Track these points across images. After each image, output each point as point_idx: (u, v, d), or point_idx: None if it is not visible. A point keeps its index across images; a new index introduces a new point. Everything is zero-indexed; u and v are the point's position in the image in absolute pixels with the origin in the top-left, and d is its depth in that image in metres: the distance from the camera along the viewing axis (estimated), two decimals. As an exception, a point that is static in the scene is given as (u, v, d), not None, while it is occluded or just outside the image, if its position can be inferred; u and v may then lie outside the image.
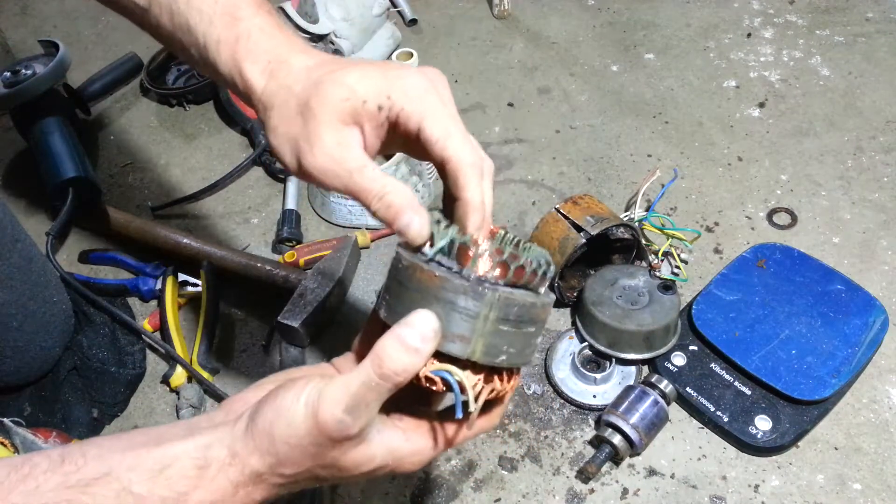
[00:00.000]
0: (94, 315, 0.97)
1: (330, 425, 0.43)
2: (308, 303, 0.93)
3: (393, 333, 0.44)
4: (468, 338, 0.44)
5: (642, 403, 0.80)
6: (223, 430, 0.46)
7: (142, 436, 0.47)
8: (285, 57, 0.50)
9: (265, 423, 0.45)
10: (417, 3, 1.47)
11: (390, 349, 0.43)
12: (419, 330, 0.44)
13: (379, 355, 0.43)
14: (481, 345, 0.45)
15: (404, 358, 0.43)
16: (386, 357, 0.43)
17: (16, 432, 0.73)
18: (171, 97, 1.32)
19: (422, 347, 0.43)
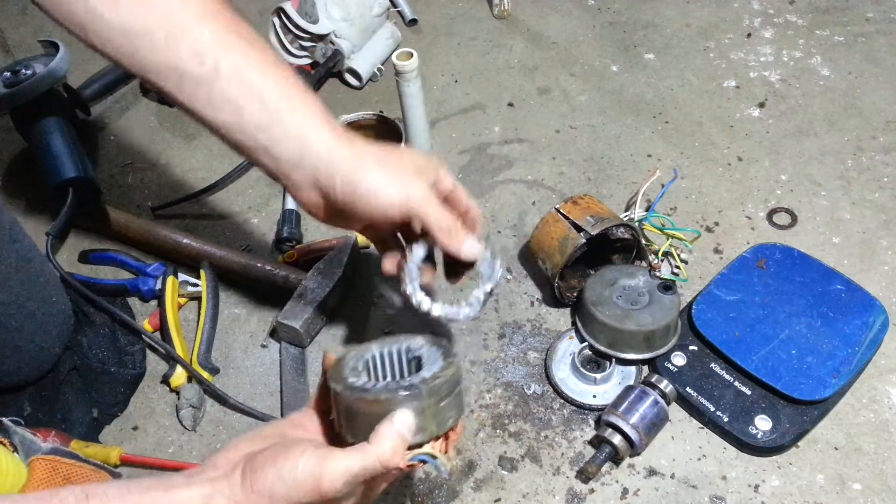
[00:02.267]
0: (94, 315, 0.97)
1: (330, 493, 0.52)
2: (308, 303, 0.93)
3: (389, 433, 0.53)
4: (423, 426, 0.55)
5: (642, 403, 0.80)
6: (221, 483, 0.53)
7: (151, 481, 0.53)
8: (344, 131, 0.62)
9: (266, 482, 0.52)
10: (417, 3, 1.47)
11: (388, 445, 0.53)
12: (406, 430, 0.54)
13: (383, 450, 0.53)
14: (434, 423, 0.56)
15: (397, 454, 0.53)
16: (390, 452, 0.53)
17: (14, 431, 0.73)
18: (171, 97, 1.32)
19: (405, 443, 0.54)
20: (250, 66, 0.57)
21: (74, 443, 0.81)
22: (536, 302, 0.98)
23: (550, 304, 0.98)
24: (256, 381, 0.94)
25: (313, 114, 0.59)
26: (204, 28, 0.56)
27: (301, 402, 0.89)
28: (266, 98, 0.57)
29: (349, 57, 1.29)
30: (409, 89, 0.98)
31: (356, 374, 0.58)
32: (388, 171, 0.60)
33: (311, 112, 0.59)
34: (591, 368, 0.88)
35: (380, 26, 1.33)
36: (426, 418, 0.55)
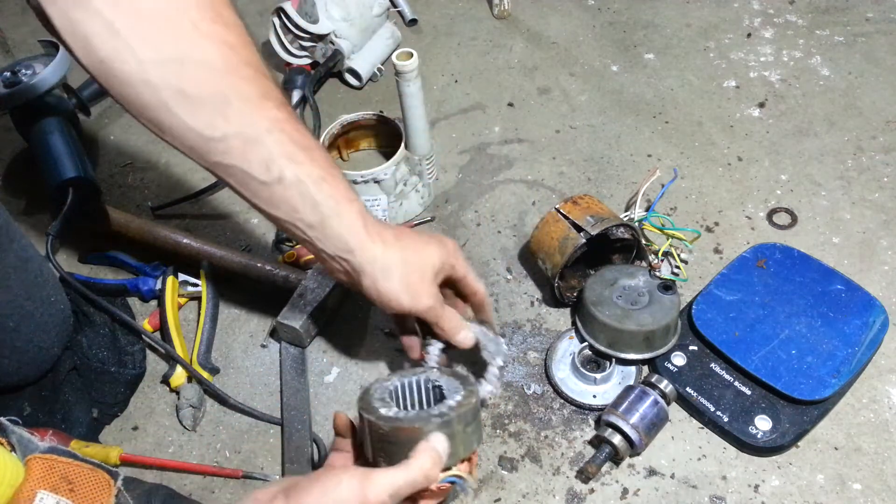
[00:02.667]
0: (94, 315, 0.97)
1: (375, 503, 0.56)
2: (308, 303, 0.93)
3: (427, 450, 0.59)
4: (453, 450, 0.60)
5: (642, 403, 0.80)
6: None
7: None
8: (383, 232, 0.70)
9: (314, 498, 0.56)
10: (417, 3, 1.47)
11: (427, 460, 0.58)
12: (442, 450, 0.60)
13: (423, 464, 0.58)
14: (462, 447, 0.61)
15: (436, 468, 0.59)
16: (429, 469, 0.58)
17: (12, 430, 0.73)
18: (171, 97, 1.32)
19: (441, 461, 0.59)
20: (309, 178, 0.65)
21: (74, 443, 0.81)
22: (536, 302, 0.98)
23: (550, 304, 0.98)
24: (256, 381, 0.94)
25: (353, 220, 0.68)
26: (274, 140, 0.63)
27: (301, 402, 0.89)
28: (318, 204, 0.66)
29: (349, 57, 1.29)
30: (409, 89, 0.98)
31: (386, 405, 0.63)
32: (406, 279, 0.71)
33: (352, 218, 0.68)
34: (591, 368, 0.88)
35: (380, 26, 1.33)
36: (456, 443, 0.61)
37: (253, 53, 0.63)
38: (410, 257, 0.71)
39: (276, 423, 0.89)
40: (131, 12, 0.58)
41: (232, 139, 0.62)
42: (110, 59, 0.59)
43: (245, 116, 0.62)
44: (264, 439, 0.88)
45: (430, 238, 0.74)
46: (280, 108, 0.64)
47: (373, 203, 1.05)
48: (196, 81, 0.60)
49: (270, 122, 0.63)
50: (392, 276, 0.70)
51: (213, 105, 0.61)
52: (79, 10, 0.58)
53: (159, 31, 0.59)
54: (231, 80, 0.61)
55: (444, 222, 1.09)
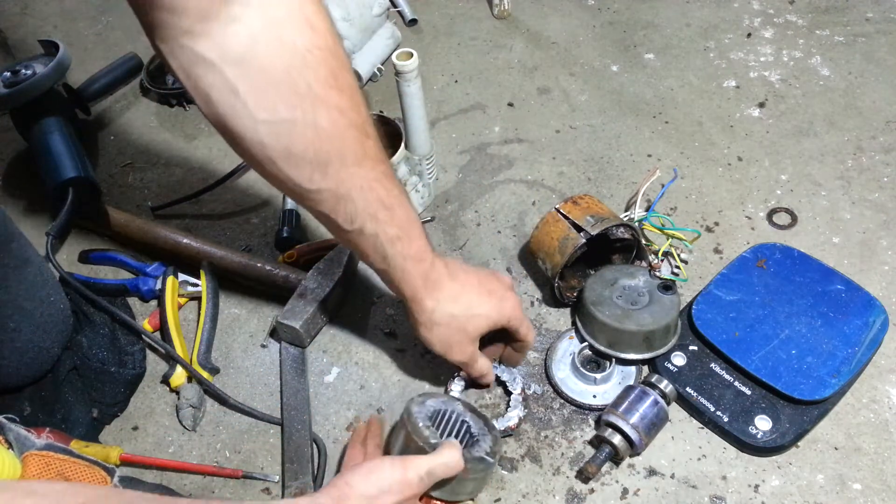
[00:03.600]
0: (94, 315, 0.97)
1: (414, 479, 0.66)
2: (308, 303, 0.93)
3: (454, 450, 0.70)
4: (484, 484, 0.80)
5: (642, 403, 0.80)
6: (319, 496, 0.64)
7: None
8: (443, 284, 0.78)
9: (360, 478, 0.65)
10: (417, 3, 1.47)
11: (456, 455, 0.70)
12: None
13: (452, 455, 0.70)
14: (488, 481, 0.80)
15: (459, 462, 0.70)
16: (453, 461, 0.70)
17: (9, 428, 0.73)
18: (171, 97, 1.32)
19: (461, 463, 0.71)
20: (384, 236, 0.72)
21: (74, 443, 0.81)
22: (536, 302, 0.98)
23: (550, 304, 0.98)
24: (256, 381, 0.94)
25: (414, 278, 0.76)
26: (362, 198, 0.69)
27: (301, 402, 0.89)
28: (387, 258, 0.74)
29: (349, 57, 1.28)
30: (409, 89, 0.98)
31: (431, 432, 0.72)
32: (445, 337, 0.80)
33: (414, 276, 0.75)
34: (591, 368, 0.88)
35: (380, 26, 1.33)
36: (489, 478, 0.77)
37: (360, 115, 0.67)
38: (457, 318, 0.78)
39: (276, 423, 0.89)
40: (250, 74, 0.61)
41: (325, 193, 0.68)
42: (227, 115, 0.63)
43: (340, 176, 0.67)
44: (264, 439, 0.88)
45: (490, 298, 0.80)
46: (375, 167, 0.69)
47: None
48: (303, 142, 0.64)
49: (363, 181, 0.69)
50: (433, 331, 0.79)
51: (315, 164, 0.66)
52: (200, 68, 0.60)
53: (276, 93, 0.62)
54: (335, 143, 0.66)
55: (444, 222, 1.09)
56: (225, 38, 0.59)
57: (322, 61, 0.63)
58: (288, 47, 0.61)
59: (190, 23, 0.58)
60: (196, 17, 0.58)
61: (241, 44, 0.59)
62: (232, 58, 0.60)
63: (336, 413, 0.89)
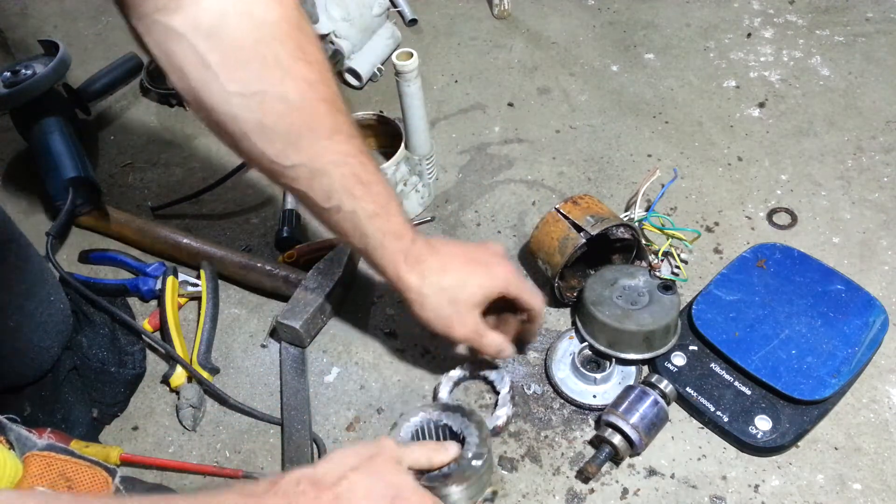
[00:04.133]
0: (94, 315, 0.97)
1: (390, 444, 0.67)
2: (308, 303, 0.93)
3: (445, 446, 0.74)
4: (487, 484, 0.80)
5: (642, 403, 0.80)
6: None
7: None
8: (426, 260, 0.76)
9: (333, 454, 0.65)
10: (417, 3, 1.47)
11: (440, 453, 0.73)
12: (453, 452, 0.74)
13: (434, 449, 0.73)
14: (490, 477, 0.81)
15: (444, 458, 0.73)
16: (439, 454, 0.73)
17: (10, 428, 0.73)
18: (171, 97, 1.32)
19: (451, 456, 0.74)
20: (363, 212, 0.72)
21: (74, 443, 0.81)
22: (536, 302, 0.98)
23: (550, 304, 0.98)
24: (256, 381, 0.94)
25: (394, 254, 0.75)
26: (338, 173, 0.69)
27: (301, 402, 0.89)
28: (366, 236, 0.74)
29: (349, 57, 1.28)
30: (409, 89, 0.98)
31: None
32: (438, 311, 0.77)
33: (394, 252, 0.75)
34: (591, 368, 0.88)
35: (380, 26, 1.33)
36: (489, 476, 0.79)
37: (329, 89, 0.68)
38: (447, 290, 0.77)
39: (276, 423, 0.88)
40: (221, 46, 0.63)
41: (300, 168, 0.68)
42: (199, 89, 0.64)
43: (314, 149, 0.68)
44: (264, 439, 0.88)
45: (478, 267, 0.78)
46: (349, 141, 0.69)
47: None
48: (273, 114, 0.65)
49: (337, 156, 0.69)
50: (426, 307, 0.77)
51: (287, 137, 0.67)
52: (173, 42, 0.62)
53: (245, 65, 0.63)
54: (305, 115, 0.66)
55: (444, 222, 1.09)
56: (196, 12, 0.61)
57: (289, 34, 0.64)
58: (257, 21, 0.63)
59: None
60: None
61: (211, 17, 0.61)
62: (203, 31, 0.62)
63: (336, 413, 0.89)
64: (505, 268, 0.80)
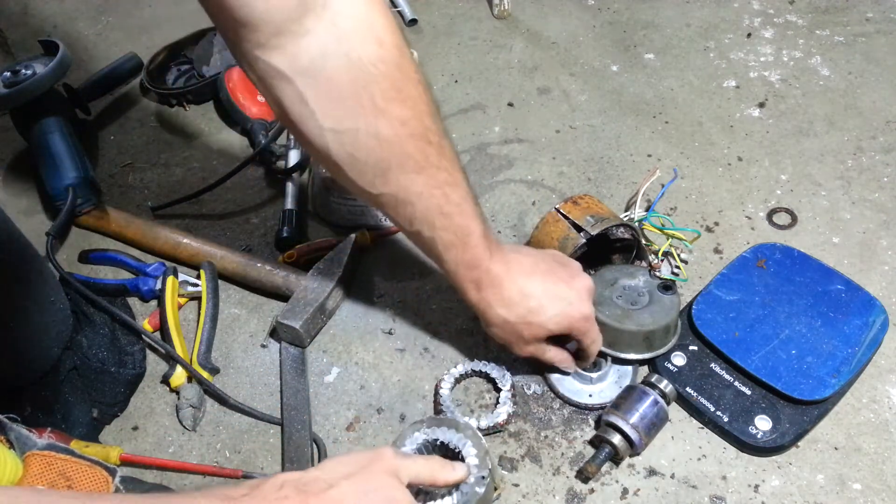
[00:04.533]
0: (94, 315, 0.97)
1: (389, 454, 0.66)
2: (308, 303, 0.93)
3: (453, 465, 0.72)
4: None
5: (642, 403, 0.80)
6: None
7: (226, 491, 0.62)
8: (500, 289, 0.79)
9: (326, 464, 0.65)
10: (417, 3, 1.47)
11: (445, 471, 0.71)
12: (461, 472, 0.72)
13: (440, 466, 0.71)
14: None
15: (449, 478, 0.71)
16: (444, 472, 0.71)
17: (11, 428, 0.73)
18: (171, 97, 1.32)
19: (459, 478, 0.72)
20: (440, 241, 0.76)
21: (74, 443, 0.81)
22: (536, 302, 0.98)
23: (550, 304, 0.97)
24: (256, 381, 0.94)
25: (466, 282, 0.79)
26: (420, 203, 0.73)
27: (301, 402, 0.89)
28: (442, 261, 0.78)
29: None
30: (410, 89, 0.98)
31: None
32: (504, 336, 0.82)
33: (466, 280, 0.79)
34: (588, 368, 0.88)
35: (380, 26, 1.33)
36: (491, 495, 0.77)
37: (422, 124, 0.70)
38: (512, 324, 0.80)
39: (276, 423, 0.88)
40: (318, 85, 0.66)
41: (387, 196, 0.73)
42: (298, 122, 0.69)
43: (400, 182, 0.72)
44: (264, 439, 0.88)
45: (559, 300, 0.79)
46: (436, 175, 0.73)
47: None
48: (364, 150, 0.69)
49: (422, 188, 0.72)
50: (491, 330, 0.82)
51: (376, 170, 0.71)
52: (275, 79, 0.66)
53: (341, 104, 0.67)
54: (395, 150, 0.70)
55: (444, 222, 1.09)
56: (297, 51, 0.64)
57: (386, 75, 0.67)
58: (354, 61, 0.65)
59: (265, 38, 0.63)
60: (270, 33, 0.62)
61: (311, 57, 0.65)
62: (302, 69, 0.65)
63: (336, 413, 0.89)
64: (580, 309, 0.80)
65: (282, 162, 1.17)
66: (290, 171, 1.14)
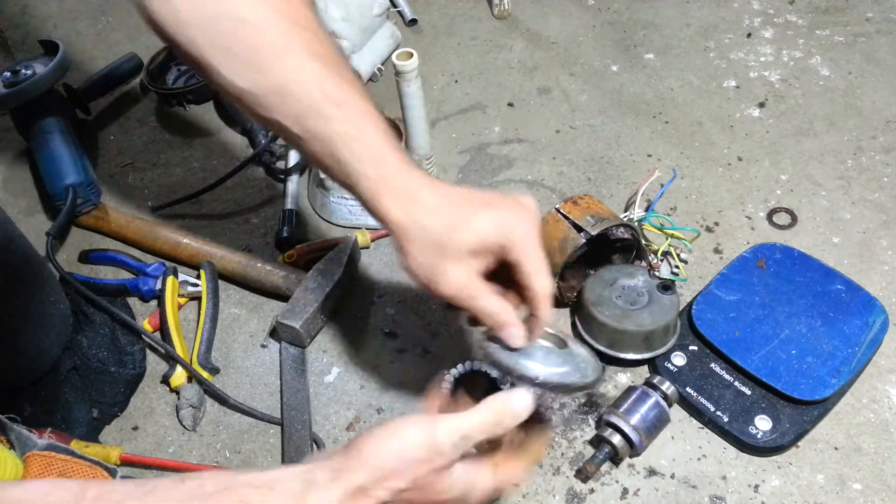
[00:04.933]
0: (94, 315, 0.97)
1: (446, 445, 0.54)
2: (308, 303, 0.93)
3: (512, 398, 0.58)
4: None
5: (644, 405, 0.80)
6: (322, 461, 0.54)
7: (248, 470, 0.56)
8: (416, 194, 0.62)
9: (374, 441, 0.53)
10: (417, 3, 1.47)
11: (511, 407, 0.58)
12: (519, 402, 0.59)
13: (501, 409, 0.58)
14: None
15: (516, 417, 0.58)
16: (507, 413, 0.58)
17: (11, 428, 0.73)
18: (171, 97, 1.32)
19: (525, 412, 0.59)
20: (336, 136, 0.62)
21: (74, 443, 0.81)
22: (536, 302, 0.98)
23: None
24: (256, 381, 0.94)
25: (373, 182, 0.63)
26: (305, 94, 0.62)
27: (301, 402, 0.89)
28: (342, 162, 0.63)
29: (349, 57, 1.28)
30: (409, 89, 0.98)
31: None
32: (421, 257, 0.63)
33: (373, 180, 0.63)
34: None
35: (380, 26, 1.33)
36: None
37: (300, 12, 0.64)
38: (436, 232, 0.62)
39: (276, 423, 0.89)
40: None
41: (270, 94, 0.62)
42: (159, 13, 0.62)
43: (282, 72, 0.62)
44: (264, 439, 0.88)
45: (483, 207, 0.63)
46: (325, 63, 0.63)
47: (373, 203, 1.05)
48: (237, 38, 0.62)
49: (304, 76, 0.62)
50: (410, 252, 0.63)
51: (252, 60, 0.62)
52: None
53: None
54: (272, 36, 0.62)
55: (444, 222, 1.09)
56: None
57: None
58: None
59: None
60: None
61: None
62: None
63: (336, 413, 0.89)
64: (519, 214, 0.63)
65: (282, 162, 1.17)
66: (290, 171, 1.14)
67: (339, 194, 1.07)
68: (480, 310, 0.63)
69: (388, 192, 0.63)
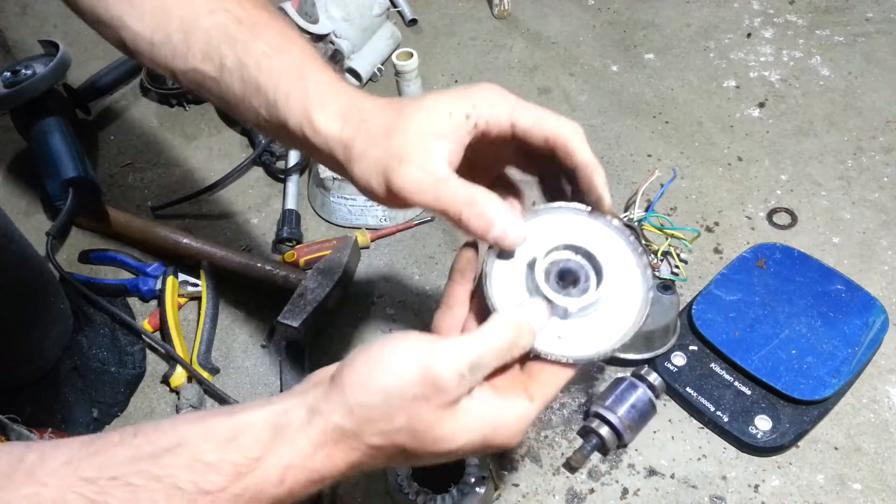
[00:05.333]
0: (94, 315, 0.97)
1: (445, 379, 0.42)
2: (308, 303, 0.93)
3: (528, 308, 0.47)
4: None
5: (631, 395, 0.80)
6: (302, 395, 0.45)
7: (218, 410, 0.47)
8: (355, 102, 0.51)
9: (356, 375, 0.43)
10: (417, 3, 1.47)
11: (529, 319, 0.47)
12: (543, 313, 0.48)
13: (517, 324, 0.46)
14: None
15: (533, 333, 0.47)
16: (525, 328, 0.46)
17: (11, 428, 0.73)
18: (171, 97, 1.32)
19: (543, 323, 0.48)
20: (250, 60, 0.53)
21: (74, 443, 0.81)
22: (536, 302, 0.98)
23: (550, 304, 0.97)
24: (256, 381, 0.94)
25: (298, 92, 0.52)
26: (212, 23, 0.54)
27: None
28: (261, 87, 0.53)
29: (349, 57, 1.28)
30: (409, 89, 0.98)
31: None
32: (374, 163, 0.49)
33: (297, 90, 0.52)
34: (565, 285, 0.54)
35: (380, 26, 1.33)
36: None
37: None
38: (384, 125, 0.49)
39: (276, 423, 0.88)
40: None
41: (175, 35, 0.54)
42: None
43: (184, 6, 0.54)
44: (264, 439, 0.88)
45: (445, 93, 0.50)
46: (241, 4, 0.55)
47: (372, 204, 1.05)
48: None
49: (216, 5, 0.54)
50: (353, 159, 0.50)
51: (157, 3, 0.55)
52: None
53: None
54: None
55: (444, 223, 1.09)
56: None
57: None
58: None
59: None
60: None
61: None
62: None
63: (336, 413, 0.89)
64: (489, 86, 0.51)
65: (282, 162, 1.17)
66: (290, 171, 1.14)
67: (339, 194, 1.07)
68: (450, 201, 0.48)
69: (321, 104, 0.51)
